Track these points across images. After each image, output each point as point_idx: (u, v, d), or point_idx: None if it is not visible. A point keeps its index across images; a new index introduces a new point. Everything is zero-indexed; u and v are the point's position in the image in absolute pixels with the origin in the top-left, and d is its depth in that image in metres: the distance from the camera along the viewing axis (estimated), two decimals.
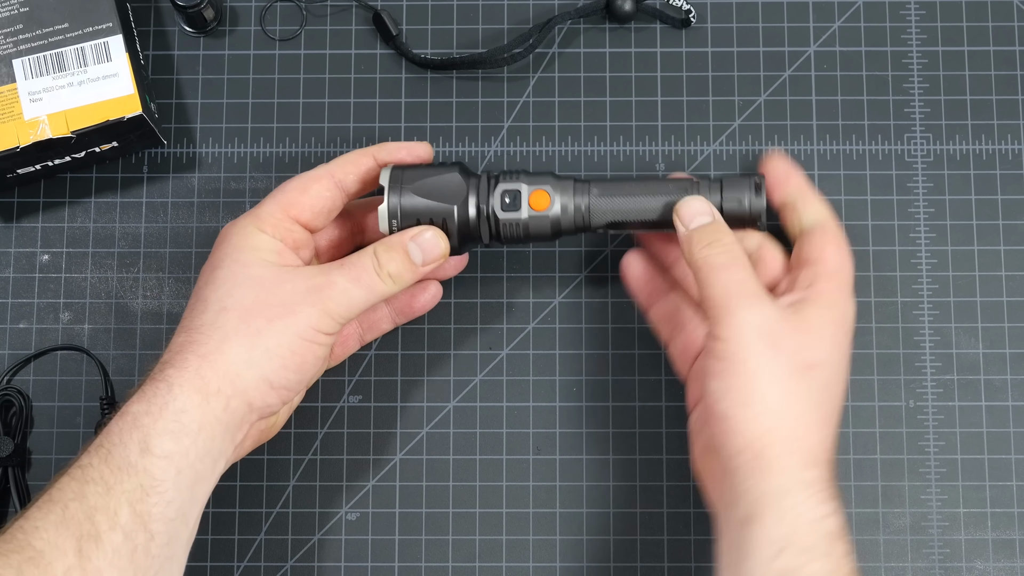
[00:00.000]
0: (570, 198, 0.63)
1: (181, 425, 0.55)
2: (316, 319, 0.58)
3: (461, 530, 0.68)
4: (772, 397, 0.56)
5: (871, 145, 0.71)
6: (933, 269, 0.70)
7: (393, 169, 0.62)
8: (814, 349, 0.58)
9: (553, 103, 0.71)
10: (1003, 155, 0.71)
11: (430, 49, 0.72)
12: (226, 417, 0.57)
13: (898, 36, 0.72)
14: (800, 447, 0.56)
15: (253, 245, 0.60)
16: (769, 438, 0.56)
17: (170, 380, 0.56)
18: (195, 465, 0.56)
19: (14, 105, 0.66)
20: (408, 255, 0.60)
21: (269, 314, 0.58)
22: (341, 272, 0.59)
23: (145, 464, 0.54)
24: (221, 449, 0.57)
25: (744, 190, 0.63)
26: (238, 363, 0.57)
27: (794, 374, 0.57)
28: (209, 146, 0.71)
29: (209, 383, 0.57)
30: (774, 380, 0.57)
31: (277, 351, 0.58)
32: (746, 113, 0.71)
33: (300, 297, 0.58)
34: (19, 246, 0.70)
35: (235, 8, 0.72)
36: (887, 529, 0.67)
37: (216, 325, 0.58)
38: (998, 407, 0.68)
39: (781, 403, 0.56)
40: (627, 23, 0.72)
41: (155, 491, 0.54)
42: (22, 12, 0.67)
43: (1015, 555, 0.67)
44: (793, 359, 0.57)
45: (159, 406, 0.56)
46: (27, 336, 0.69)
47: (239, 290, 0.58)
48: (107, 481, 0.54)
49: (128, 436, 0.55)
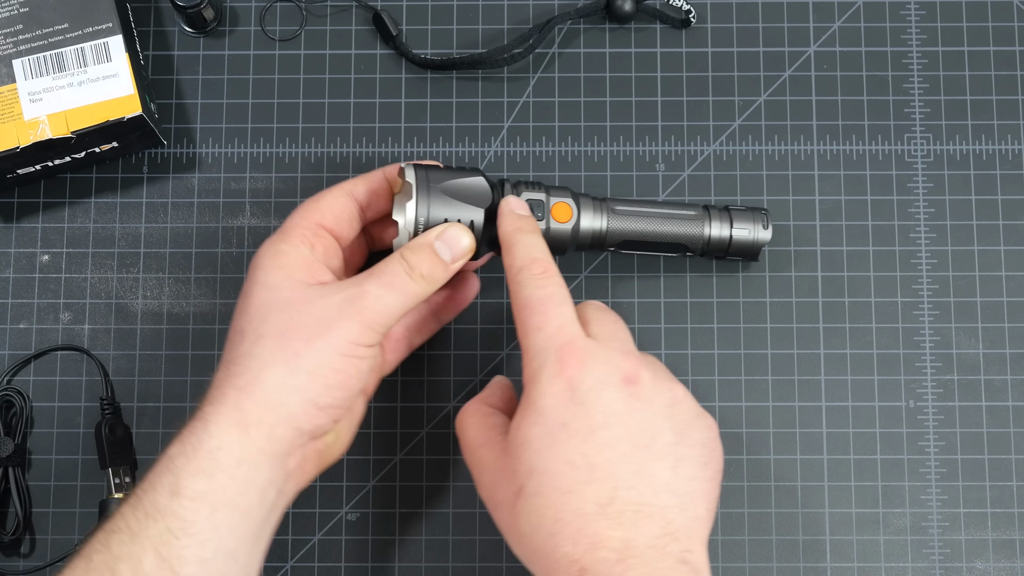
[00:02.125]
0: (590, 215, 0.63)
1: (216, 462, 0.54)
2: (355, 333, 0.57)
3: (461, 530, 0.68)
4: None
5: (871, 145, 0.71)
6: (933, 269, 0.70)
7: (417, 168, 0.62)
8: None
9: (553, 103, 0.71)
10: (1003, 155, 0.71)
11: (430, 49, 0.72)
12: (270, 447, 0.56)
13: (898, 36, 0.72)
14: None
15: (280, 264, 0.59)
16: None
17: (207, 418, 0.55)
18: (235, 500, 0.54)
19: (14, 105, 0.66)
20: (436, 254, 0.60)
21: (305, 334, 0.56)
22: (372, 280, 0.58)
23: (174, 507, 0.53)
24: (269, 479, 0.56)
25: (751, 223, 0.66)
26: (279, 389, 0.56)
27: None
28: (209, 146, 0.71)
29: (248, 415, 0.55)
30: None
31: (318, 371, 0.56)
32: (746, 113, 0.71)
33: (335, 312, 0.57)
34: (19, 246, 0.70)
35: (235, 8, 0.72)
36: (887, 529, 0.67)
37: (253, 354, 0.57)
38: (998, 407, 0.68)
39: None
40: (627, 23, 0.72)
41: (185, 533, 0.53)
42: (22, 12, 0.67)
43: (1015, 555, 0.67)
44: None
45: (193, 445, 0.55)
46: (27, 336, 0.69)
47: (273, 315, 0.57)
48: (132, 529, 0.53)
49: (159, 480, 0.54)
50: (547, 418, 0.55)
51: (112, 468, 0.67)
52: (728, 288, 0.69)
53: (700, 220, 0.65)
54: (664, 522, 0.54)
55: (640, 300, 0.69)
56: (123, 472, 0.67)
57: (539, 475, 0.55)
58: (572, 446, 0.55)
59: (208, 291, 0.70)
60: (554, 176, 0.71)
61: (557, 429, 0.55)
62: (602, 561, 0.53)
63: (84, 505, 0.68)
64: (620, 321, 0.61)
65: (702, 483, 0.56)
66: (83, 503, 0.68)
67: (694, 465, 0.56)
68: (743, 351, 0.69)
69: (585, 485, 0.54)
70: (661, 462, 0.55)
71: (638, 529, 0.53)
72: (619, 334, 0.59)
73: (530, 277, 0.59)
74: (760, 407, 0.68)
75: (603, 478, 0.54)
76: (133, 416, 0.69)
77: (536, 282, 0.58)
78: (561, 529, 0.54)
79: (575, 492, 0.54)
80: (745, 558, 0.67)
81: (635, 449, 0.55)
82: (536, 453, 0.55)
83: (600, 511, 0.54)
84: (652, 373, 0.57)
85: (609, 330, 0.59)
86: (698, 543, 0.55)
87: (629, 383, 0.56)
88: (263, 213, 0.70)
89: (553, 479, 0.54)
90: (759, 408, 0.68)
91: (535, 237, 0.61)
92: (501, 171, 0.71)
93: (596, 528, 0.53)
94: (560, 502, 0.54)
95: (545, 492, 0.54)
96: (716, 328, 0.69)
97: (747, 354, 0.69)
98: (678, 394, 0.57)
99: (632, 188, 0.70)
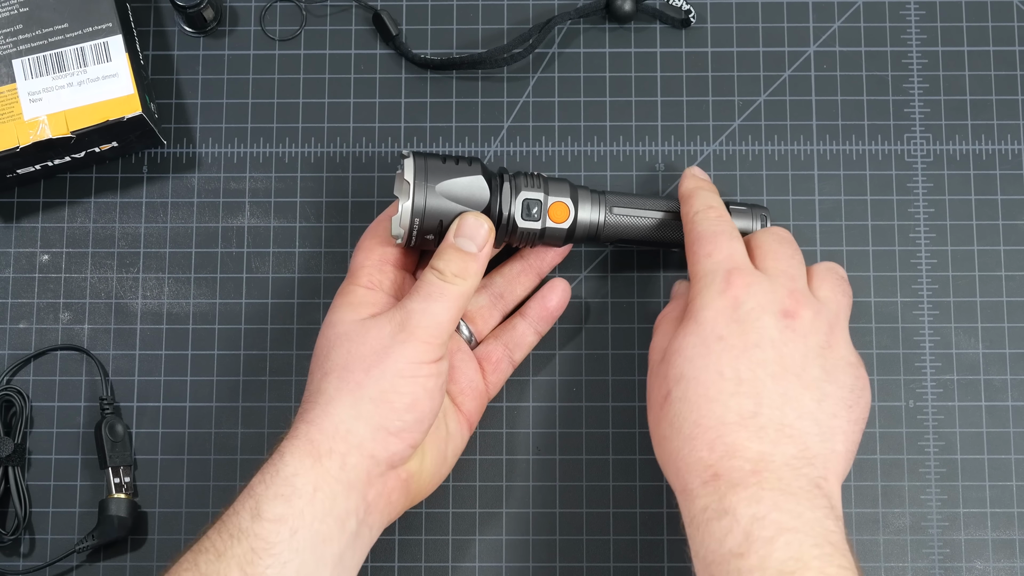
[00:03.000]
0: (587, 212, 0.63)
1: (293, 488, 0.56)
2: (412, 352, 0.58)
3: (461, 530, 0.68)
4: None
5: (871, 145, 0.71)
6: (933, 269, 0.70)
7: (416, 160, 0.61)
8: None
9: (553, 103, 0.71)
10: (1003, 155, 0.71)
11: (430, 49, 0.72)
12: (345, 476, 0.57)
13: (898, 36, 0.72)
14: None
15: (347, 302, 0.61)
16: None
17: (282, 450, 0.57)
18: (314, 525, 0.56)
19: (14, 105, 0.66)
20: (461, 249, 0.60)
21: (365, 365, 0.58)
22: (413, 298, 0.59)
23: (256, 529, 0.55)
24: (347, 509, 0.57)
25: (750, 221, 0.65)
26: (346, 420, 0.57)
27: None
28: (209, 146, 0.71)
29: (319, 445, 0.57)
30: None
31: (383, 397, 0.58)
32: (746, 113, 0.71)
33: (388, 339, 0.58)
34: (19, 246, 0.70)
35: (235, 8, 0.72)
36: (887, 529, 0.67)
37: (320, 390, 0.58)
38: (998, 407, 0.68)
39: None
40: (627, 23, 0.72)
41: (268, 553, 0.54)
42: (22, 12, 0.67)
43: (1015, 555, 0.67)
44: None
45: (271, 474, 0.56)
46: (27, 336, 0.69)
47: (334, 352, 0.59)
48: (218, 549, 0.55)
49: (241, 506, 0.56)
50: (705, 329, 0.58)
51: (112, 468, 0.67)
52: None
53: None
54: (803, 446, 0.56)
55: (640, 300, 0.69)
56: (123, 472, 0.67)
57: (687, 381, 0.57)
58: (725, 359, 0.57)
59: (208, 291, 0.70)
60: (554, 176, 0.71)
61: (713, 340, 0.57)
62: (737, 470, 0.55)
63: (84, 505, 0.68)
64: (797, 256, 0.62)
65: (844, 422, 0.58)
66: (83, 503, 0.68)
67: (839, 404, 0.58)
68: None
69: (731, 396, 0.56)
70: (808, 392, 0.57)
71: (777, 447, 0.55)
72: (791, 271, 0.61)
73: (706, 217, 0.62)
74: None
75: (749, 393, 0.56)
76: (133, 416, 0.69)
77: (711, 220, 0.62)
78: (700, 434, 0.56)
79: (719, 401, 0.56)
80: None
81: (784, 372, 0.57)
82: (688, 360, 0.58)
83: (741, 422, 0.56)
84: (814, 314, 0.59)
85: (783, 266, 0.61)
86: (833, 475, 0.57)
87: (787, 316, 0.58)
88: (263, 213, 0.70)
89: (699, 387, 0.57)
90: None
91: (713, 194, 0.64)
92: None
93: (735, 438, 0.56)
94: (703, 409, 0.56)
95: (690, 398, 0.57)
96: None
97: None
98: (834, 340, 0.59)
99: (632, 188, 0.70)
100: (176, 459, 0.68)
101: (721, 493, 0.54)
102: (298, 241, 0.70)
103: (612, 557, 0.67)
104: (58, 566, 0.67)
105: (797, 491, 0.54)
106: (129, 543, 0.67)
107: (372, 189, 0.71)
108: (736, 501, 0.54)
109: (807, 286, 0.61)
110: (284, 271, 0.70)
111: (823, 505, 0.54)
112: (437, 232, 0.61)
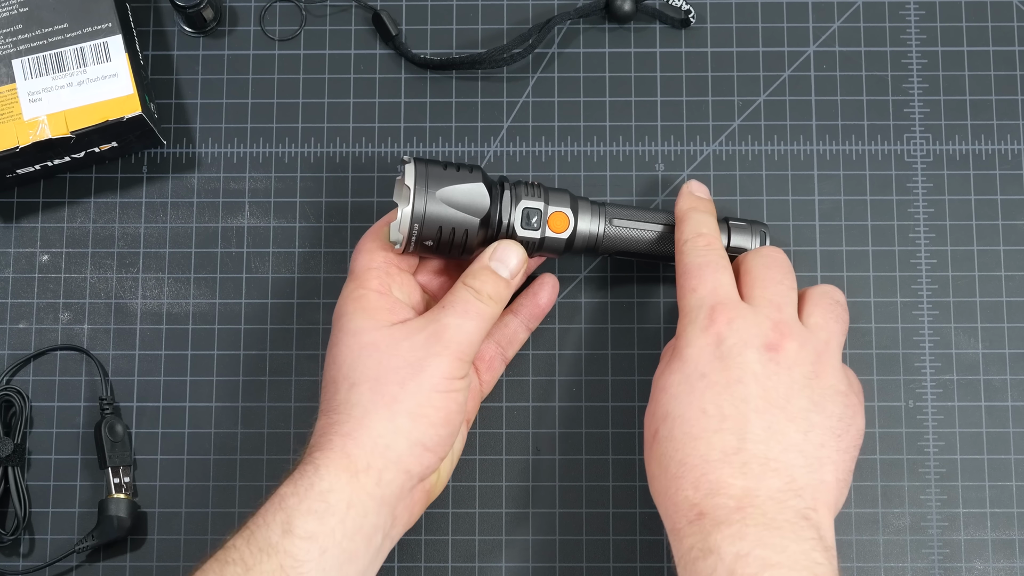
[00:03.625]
0: (587, 223, 0.63)
1: (327, 505, 0.55)
2: (447, 367, 0.58)
3: (461, 530, 0.68)
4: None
5: (871, 145, 0.71)
6: (933, 269, 0.70)
7: (418, 165, 0.61)
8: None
9: (553, 103, 0.71)
10: (1003, 155, 0.71)
11: (429, 49, 0.72)
12: (379, 491, 0.57)
13: (898, 36, 0.72)
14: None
15: (363, 307, 0.60)
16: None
17: (316, 462, 0.57)
18: (342, 544, 0.56)
19: (13, 105, 0.66)
20: (496, 273, 0.61)
21: (399, 377, 0.58)
22: (447, 312, 0.59)
23: (286, 545, 0.54)
24: (376, 524, 0.57)
25: (749, 238, 0.65)
26: (384, 434, 0.57)
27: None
28: (208, 146, 0.71)
29: (356, 460, 0.57)
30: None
31: (419, 411, 0.58)
32: (746, 113, 0.71)
33: (422, 351, 0.58)
34: (19, 246, 0.70)
35: (235, 8, 0.72)
36: (887, 529, 0.67)
37: (351, 402, 0.58)
38: (998, 407, 0.68)
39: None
40: (627, 23, 0.72)
41: (296, 572, 0.54)
42: (22, 12, 0.67)
43: (1015, 555, 0.67)
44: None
45: (305, 487, 0.56)
46: (27, 336, 0.69)
47: (361, 362, 0.58)
48: (247, 562, 0.54)
49: (272, 518, 0.55)
50: (688, 367, 0.58)
51: (111, 468, 0.67)
52: None
53: None
54: (789, 478, 0.55)
55: (640, 300, 0.69)
56: (122, 472, 0.67)
57: (672, 420, 0.57)
58: (708, 396, 0.57)
59: (207, 291, 0.70)
60: (553, 176, 0.71)
61: (696, 378, 0.57)
62: (721, 507, 0.54)
63: (83, 505, 0.68)
64: (787, 280, 0.61)
65: (832, 451, 0.57)
66: (82, 503, 0.68)
67: (826, 434, 0.57)
68: None
69: (714, 433, 0.56)
70: (793, 423, 0.57)
71: (762, 481, 0.55)
72: (778, 298, 0.60)
73: (694, 248, 0.61)
74: None
75: (732, 428, 0.56)
76: (133, 416, 0.69)
77: (699, 251, 0.61)
78: (685, 473, 0.56)
79: (703, 439, 0.56)
80: None
81: (769, 406, 0.57)
82: (673, 398, 0.58)
83: (725, 459, 0.55)
84: (799, 345, 0.58)
85: (769, 294, 0.60)
86: (823, 505, 0.56)
87: (771, 349, 0.58)
88: (262, 213, 0.70)
89: (684, 425, 0.57)
90: None
91: (706, 216, 0.63)
92: (501, 171, 0.71)
93: (719, 475, 0.55)
94: (688, 447, 0.56)
95: (676, 437, 0.57)
96: None
97: None
98: (822, 369, 0.59)
99: (632, 188, 0.70)
100: (176, 459, 0.68)
101: (706, 532, 0.54)
102: (298, 241, 0.70)
103: (612, 557, 0.67)
104: (58, 566, 0.67)
105: (783, 524, 0.54)
106: (129, 543, 0.67)
107: (372, 189, 0.71)
108: (720, 539, 0.53)
109: (795, 313, 0.60)
110: (284, 271, 0.70)
111: (810, 537, 0.54)
112: (436, 239, 0.61)
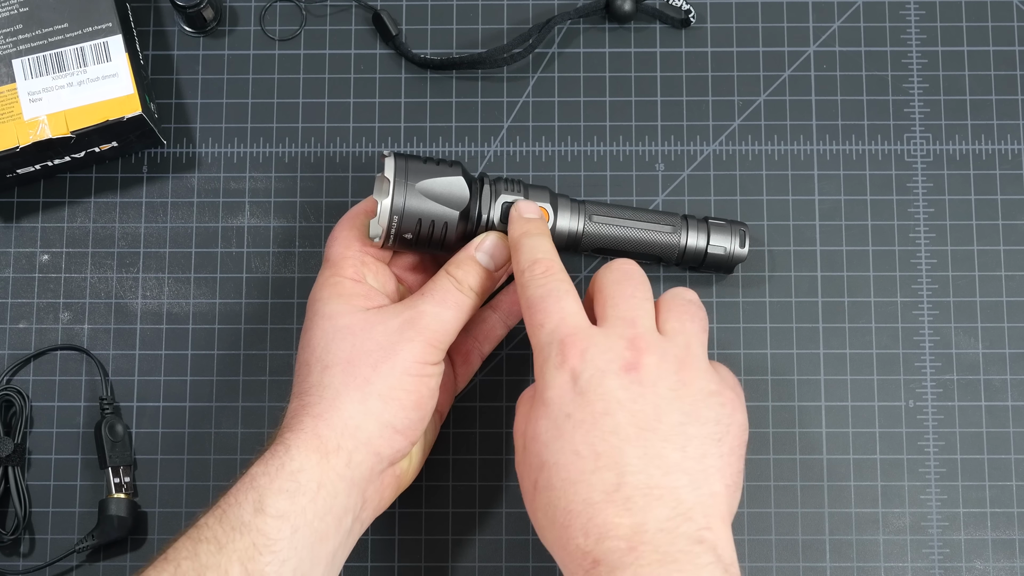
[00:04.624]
0: (566, 219, 0.63)
1: (298, 484, 0.56)
2: (419, 352, 0.58)
3: (461, 530, 0.68)
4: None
5: (871, 145, 0.71)
6: (933, 269, 0.70)
7: (397, 160, 0.61)
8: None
9: (553, 103, 0.71)
10: (1003, 155, 0.71)
11: (430, 49, 0.72)
12: (349, 472, 0.57)
13: (898, 36, 0.72)
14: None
15: (338, 293, 0.60)
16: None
17: (288, 442, 0.57)
18: (313, 524, 0.56)
19: (14, 105, 0.66)
20: (480, 265, 0.61)
21: (372, 360, 0.58)
22: (425, 300, 0.59)
23: (258, 523, 0.55)
24: (346, 506, 0.57)
25: (728, 238, 0.65)
26: (355, 416, 0.57)
27: None
28: (209, 146, 0.71)
29: (327, 441, 0.57)
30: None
31: (391, 394, 0.58)
32: (746, 113, 0.71)
33: (396, 335, 0.58)
34: (19, 246, 0.70)
35: (235, 8, 0.72)
36: (887, 529, 0.67)
37: (323, 384, 0.58)
38: (998, 407, 0.68)
39: None
40: (627, 23, 0.72)
41: (268, 550, 0.54)
42: (22, 12, 0.67)
43: (1015, 555, 0.67)
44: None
45: (276, 467, 0.56)
46: (27, 336, 0.69)
47: (335, 344, 0.59)
48: (219, 540, 0.54)
49: (244, 496, 0.55)
50: (552, 410, 0.55)
51: (112, 468, 0.67)
52: (727, 287, 0.69)
53: (676, 234, 0.65)
54: (675, 502, 0.53)
55: None
56: (122, 472, 0.67)
57: (549, 468, 0.55)
58: (577, 436, 0.54)
59: (208, 291, 0.70)
60: (554, 176, 0.71)
61: (562, 420, 0.55)
62: (613, 551, 0.52)
63: (84, 505, 0.68)
64: (639, 291, 0.58)
65: (715, 460, 0.55)
66: (83, 503, 0.68)
67: (706, 443, 0.55)
68: (742, 351, 0.69)
69: (591, 474, 0.54)
70: (669, 443, 0.54)
71: (648, 513, 0.53)
72: (630, 313, 0.57)
73: (532, 278, 0.59)
74: (760, 407, 0.68)
75: (608, 465, 0.54)
76: (133, 416, 0.69)
77: (537, 281, 0.58)
78: (572, 521, 0.53)
79: (582, 482, 0.54)
80: (745, 558, 0.67)
81: (640, 433, 0.54)
82: (545, 446, 0.55)
83: (607, 498, 0.53)
84: (659, 357, 0.56)
85: (621, 311, 0.57)
86: (717, 519, 0.54)
87: (630, 370, 0.55)
88: (263, 213, 0.70)
89: (561, 471, 0.54)
90: (759, 408, 0.68)
91: (540, 239, 0.61)
92: (500, 171, 0.71)
93: (604, 517, 0.53)
94: (569, 493, 0.54)
95: (555, 485, 0.54)
96: (715, 328, 0.69)
97: (746, 354, 0.69)
98: (687, 376, 0.56)
99: (632, 188, 0.70)
100: (176, 459, 0.68)
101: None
102: (298, 241, 0.70)
103: None
104: (58, 566, 0.67)
105: (677, 556, 0.52)
106: (129, 543, 0.67)
107: (371, 189, 0.70)
108: None
109: (652, 324, 0.57)
110: (284, 271, 0.70)
111: (708, 562, 0.52)
112: (416, 232, 0.61)
